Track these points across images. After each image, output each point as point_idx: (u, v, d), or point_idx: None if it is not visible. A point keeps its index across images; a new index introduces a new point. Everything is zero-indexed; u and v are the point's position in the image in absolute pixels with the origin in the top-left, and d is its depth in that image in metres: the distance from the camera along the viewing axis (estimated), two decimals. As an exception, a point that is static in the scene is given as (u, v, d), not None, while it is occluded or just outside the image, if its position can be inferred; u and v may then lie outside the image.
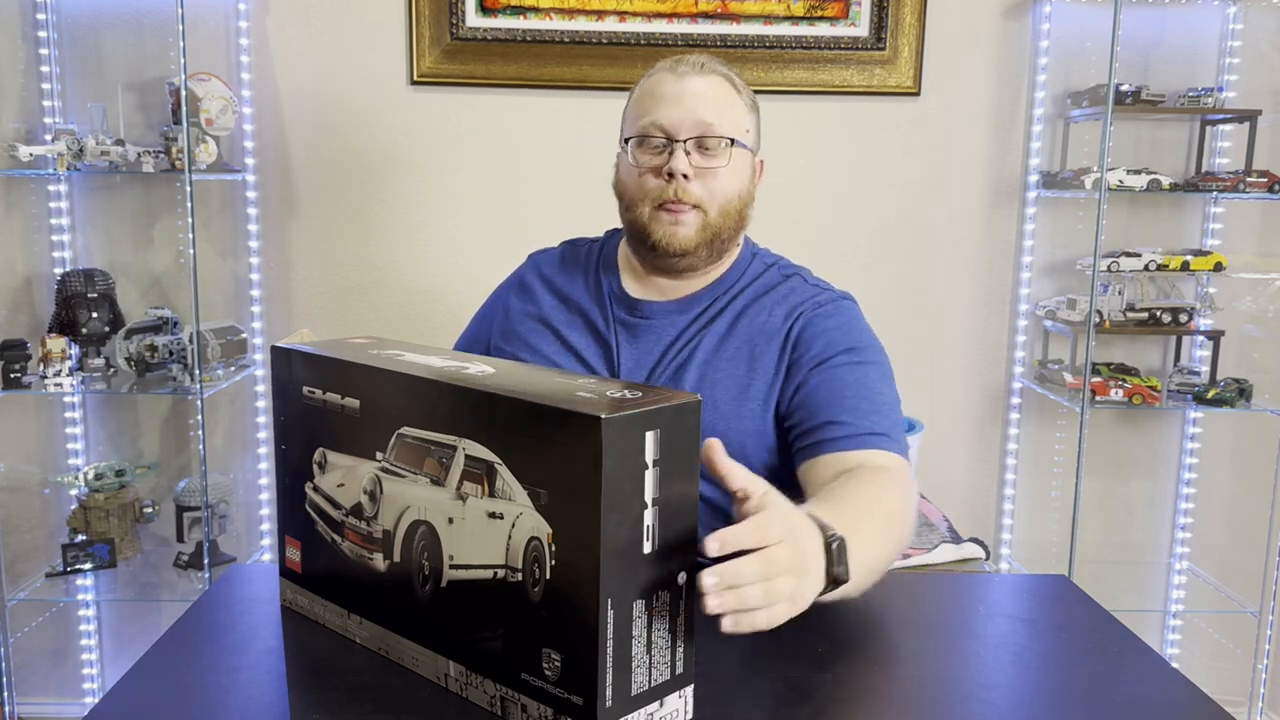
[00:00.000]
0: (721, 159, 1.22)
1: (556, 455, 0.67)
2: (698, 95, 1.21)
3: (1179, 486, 2.42)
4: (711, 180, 1.22)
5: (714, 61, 1.26)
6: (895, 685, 0.84)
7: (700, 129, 1.21)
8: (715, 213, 1.23)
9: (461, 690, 0.77)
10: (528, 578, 0.70)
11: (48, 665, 2.37)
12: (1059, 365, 2.30)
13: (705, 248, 1.24)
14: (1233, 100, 2.24)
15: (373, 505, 0.81)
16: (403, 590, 0.80)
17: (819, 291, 1.28)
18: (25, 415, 2.29)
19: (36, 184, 2.20)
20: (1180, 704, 0.81)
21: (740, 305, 1.27)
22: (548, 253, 1.41)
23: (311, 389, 0.87)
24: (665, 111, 1.21)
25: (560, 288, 1.34)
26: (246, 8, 2.18)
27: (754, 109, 1.29)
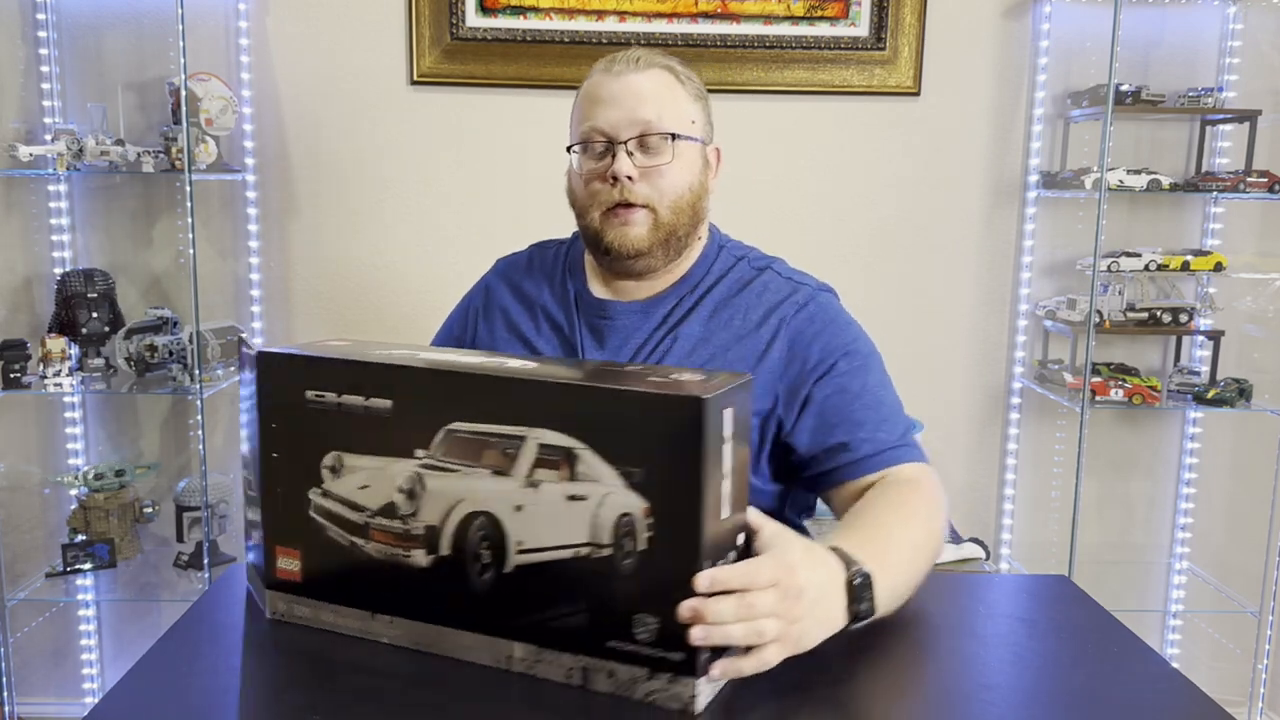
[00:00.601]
0: (665, 155, 1.19)
1: (654, 436, 0.73)
2: (635, 93, 1.18)
3: (1179, 486, 2.42)
4: (658, 178, 1.19)
5: (652, 54, 1.23)
6: (895, 685, 0.84)
7: (640, 128, 1.18)
8: (666, 210, 1.20)
9: (530, 669, 0.80)
10: (617, 551, 0.75)
11: (48, 665, 2.37)
12: (1059, 365, 2.30)
13: (660, 247, 1.21)
14: (1233, 100, 2.24)
15: (411, 503, 0.81)
16: (452, 581, 0.81)
17: (795, 288, 1.23)
18: (25, 415, 2.29)
19: (36, 184, 2.20)
20: (1180, 704, 0.81)
21: (712, 304, 1.23)
22: (514, 258, 1.40)
23: (319, 392, 0.84)
24: (603, 114, 1.19)
25: (527, 293, 1.32)
26: (246, 8, 2.18)
27: (700, 98, 1.25)
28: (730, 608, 0.75)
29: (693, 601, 0.74)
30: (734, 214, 1.46)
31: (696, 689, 0.75)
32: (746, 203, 2.28)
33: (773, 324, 1.20)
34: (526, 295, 1.32)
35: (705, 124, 1.26)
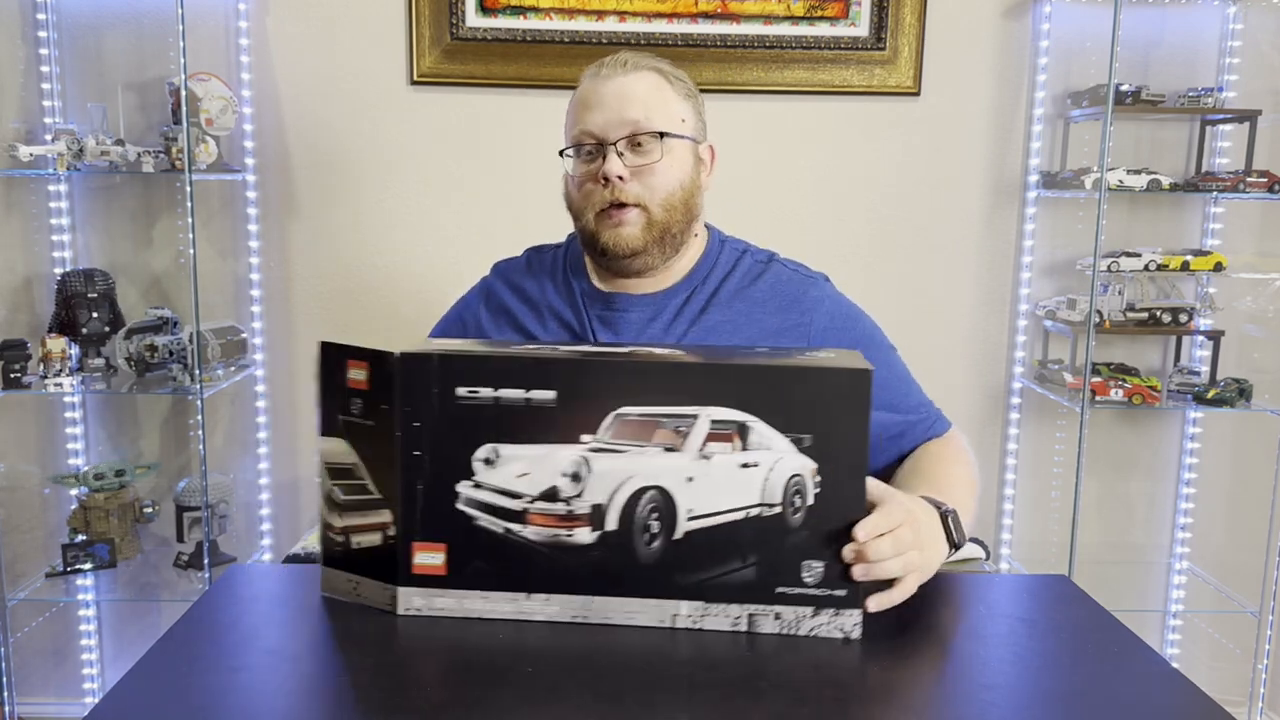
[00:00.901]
0: (655, 154, 1.21)
1: (824, 405, 0.85)
2: (623, 95, 1.21)
3: (1179, 486, 2.42)
4: (648, 176, 1.21)
5: (641, 57, 1.25)
6: (895, 685, 0.84)
7: (629, 128, 1.20)
8: (658, 208, 1.22)
9: (696, 623, 0.89)
10: (788, 508, 0.86)
11: (48, 665, 2.37)
12: (1059, 365, 2.30)
13: (655, 244, 1.23)
14: (1233, 100, 2.24)
15: (576, 485, 0.87)
16: (619, 553, 0.87)
17: (806, 280, 1.31)
18: (25, 415, 2.29)
19: (36, 184, 2.20)
20: (1180, 704, 0.81)
21: (728, 296, 1.27)
22: (512, 261, 1.41)
23: (473, 389, 0.88)
24: (592, 117, 1.22)
25: (529, 293, 1.33)
26: (246, 8, 2.18)
27: (690, 97, 1.27)
28: (886, 546, 0.89)
29: (854, 545, 0.87)
30: (734, 214, 1.46)
31: (857, 618, 0.89)
32: (746, 203, 2.28)
33: (798, 317, 1.27)
34: (529, 295, 1.33)
35: (696, 122, 1.28)
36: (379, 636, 0.89)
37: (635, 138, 1.20)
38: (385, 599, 0.93)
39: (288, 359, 2.32)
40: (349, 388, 0.91)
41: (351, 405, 0.91)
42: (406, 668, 0.84)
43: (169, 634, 0.91)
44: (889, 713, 0.80)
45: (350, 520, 0.93)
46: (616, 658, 0.85)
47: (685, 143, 1.24)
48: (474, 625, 0.91)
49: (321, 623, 0.92)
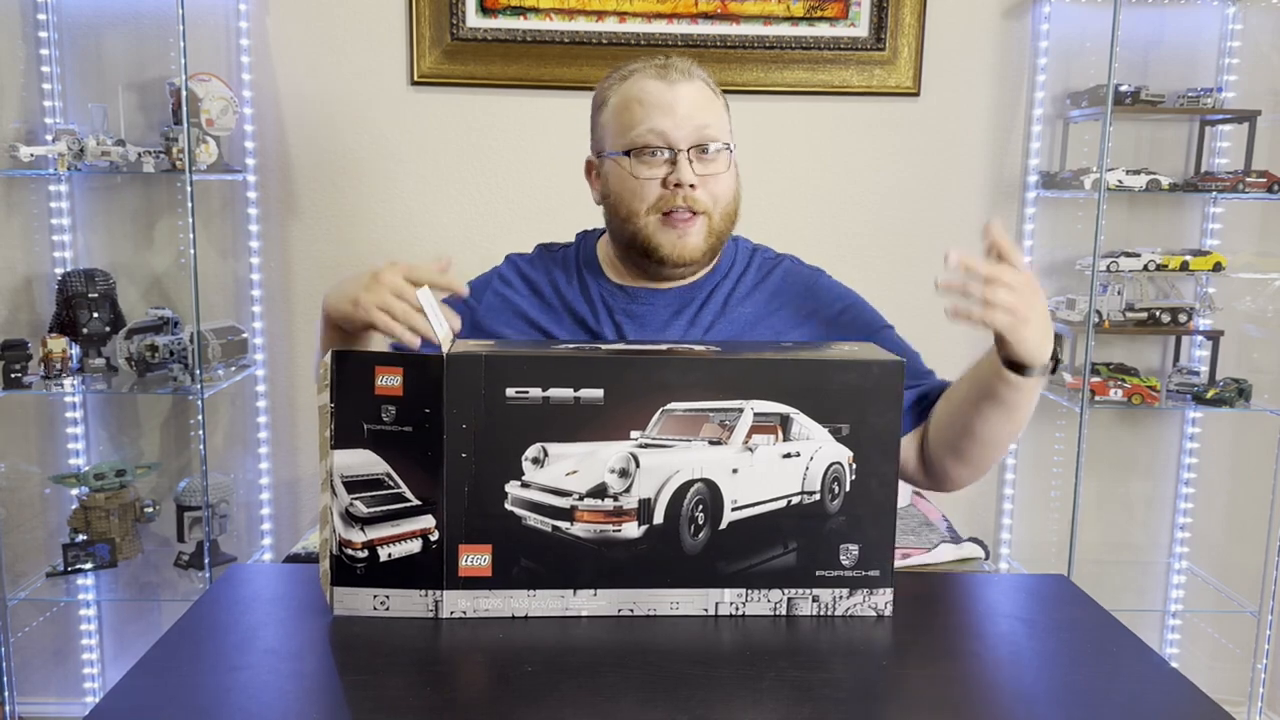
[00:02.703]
0: (722, 164, 1.23)
1: (860, 395, 0.90)
2: (691, 102, 1.22)
3: (1178, 486, 2.42)
4: (714, 186, 1.23)
5: (694, 65, 1.26)
6: (895, 685, 0.84)
7: (700, 136, 1.21)
8: (719, 218, 1.25)
9: (738, 610, 0.92)
10: (825, 495, 0.90)
11: (48, 665, 2.37)
12: (1058, 365, 2.30)
13: (708, 253, 1.26)
14: (1232, 100, 2.24)
15: (624, 480, 0.88)
16: (665, 545, 0.89)
17: (813, 275, 1.35)
18: (26, 415, 2.29)
19: (37, 184, 2.20)
20: (1180, 704, 0.82)
21: (746, 289, 1.31)
22: (522, 256, 1.41)
23: (522, 389, 0.89)
24: (661, 120, 1.20)
25: (539, 286, 1.34)
26: (246, 8, 2.18)
27: (728, 107, 1.30)
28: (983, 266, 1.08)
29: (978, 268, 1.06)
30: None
31: (889, 596, 0.93)
32: (746, 203, 2.28)
33: (812, 305, 1.31)
34: (540, 290, 1.33)
35: (730, 134, 1.29)
36: (379, 636, 0.89)
37: (704, 146, 1.22)
38: (424, 606, 0.91)
39: (288, 359, 2.32)
40: (377, 396, 0.90)
41: (382, 413, 0.90)
42: (407, 666, 0.84)
43: (169, 634, 0.91)
44: (889, 712, 0.80)
45: (380, 533, 0.91)
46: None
47: (733, 154, 1.27)
48: (471, 623, 0.91)
49: (322, 622, 0.92)
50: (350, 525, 0.91)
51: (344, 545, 0.91)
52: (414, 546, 0.91)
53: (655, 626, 0.91)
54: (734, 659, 0.86)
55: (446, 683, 0.83)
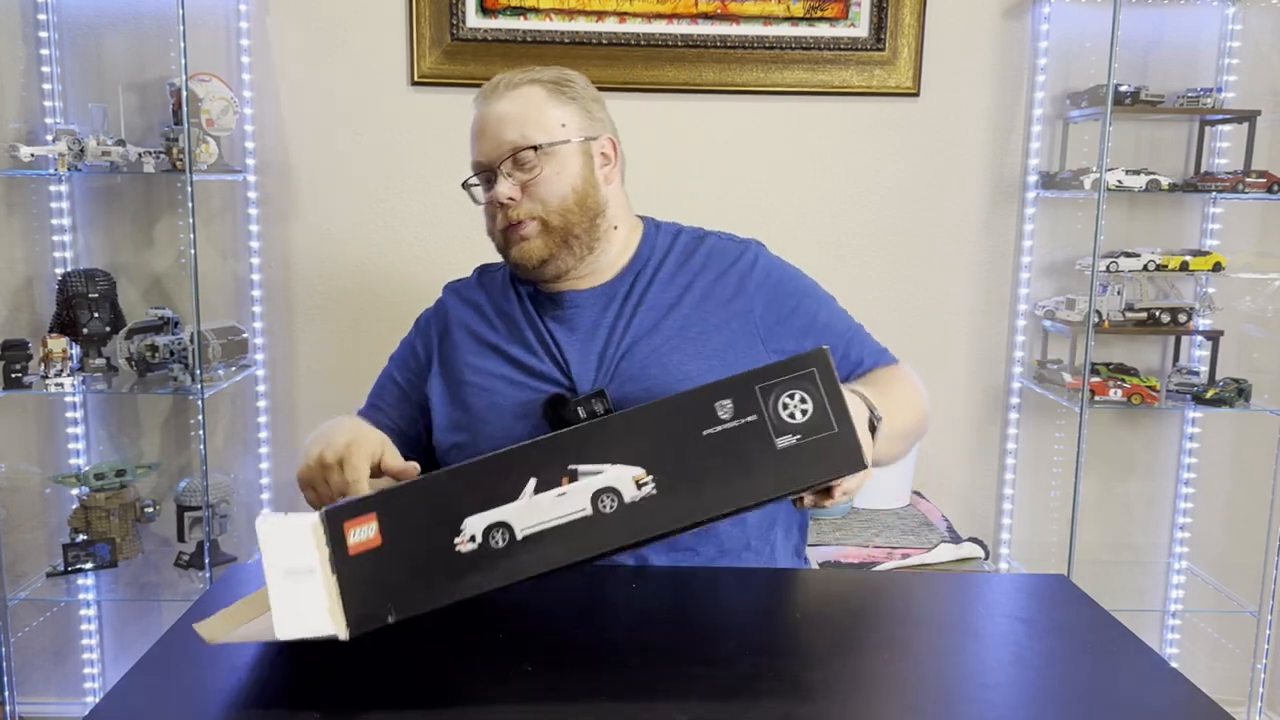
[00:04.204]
0: (537, 167, 1.25)
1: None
2: (498, 119, 1.26)
3: (1178, 486, 2.42)
4: (535, 189, 1.26)
5: (521, 74, 1.28)
6: (895, 685, 0.84)
7: (508, 149, 1.25)
8: (554, 215, 1.26)
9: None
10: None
11: (48, 665, 2.37)
12: (1058, 365, 2.30)
13: (561, 249, 1.27)
14: (1232, 100, 2.24)
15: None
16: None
17: (741, 246, 1.34)
18: (26, 415, 2.29)
19: (37, 184, 2.20)
20: (1180, 704, 0.82)
21: (668, 274, 1.31)
22: (462, 280, 1.45)
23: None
24: (477, 147, 1.29)
25: (484, 306, 1.36)
26: (247, 8, 2.18)
27: (576, 99, 1.30)
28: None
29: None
30: (734, 214, 1.47)
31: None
32: (746, 202, 2.29)
33: (733, 280, 1.30)
34: (483, 308, 1.36)
35: (583, 122, 1.30)
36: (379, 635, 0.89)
37: (516, 157, 1.25)
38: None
39: (288, 359, 2.32)
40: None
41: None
42: (411, 665, 0.84)
43: (169, 634, 0.91)
44: (889, 712, 0.80)
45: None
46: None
47: (570, 146, 1.27)
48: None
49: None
50: None
51: None
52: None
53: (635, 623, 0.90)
54: (731, 658, 0.86)
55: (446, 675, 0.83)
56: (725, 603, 1.01)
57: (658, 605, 1.00)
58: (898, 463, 1.31)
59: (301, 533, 0.80)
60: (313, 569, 0.79)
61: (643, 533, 0.80)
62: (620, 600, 1.01)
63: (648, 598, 1.01)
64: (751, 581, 1.10)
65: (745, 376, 0.82)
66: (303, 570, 0.78)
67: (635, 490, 0.80)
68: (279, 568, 0.78)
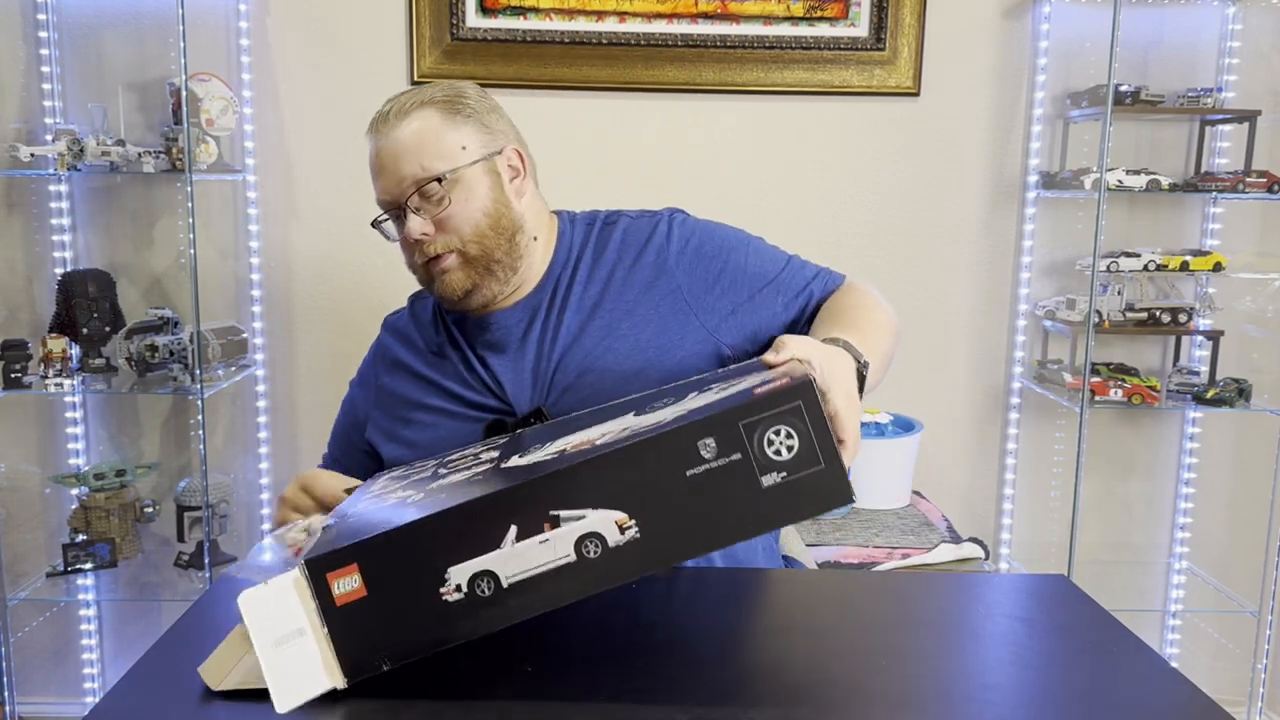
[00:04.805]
0: (444, 200, 1.19)
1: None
2: (394, 152, 1.19)
3: (1178, 486, 2.42)
4: (447, 221, 1.19)
5: (408, 97, 1.23)
6: (895, 685, 0.84)
7: (410, 184, 1.18)
8: (471, 245, 1.20)
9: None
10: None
11: (48, 665, 2.37)
12: (1058, 365, 2.30)
13: (486, 277, 1.22)
14: (1232, 100, 2.24)
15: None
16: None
17: (652, 221, 1.28)
18: (26, 415, 2.29)
19: (37, 184, 2.20)
20: (1180, 704, 0.82)
21: (586, 271, 1.26)
22: (397, 314, 1.41)
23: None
24: (379, 184, 1.22)
25: (414, 340, 1.33)
26: (246, 8, 2.18)
27: (471, 116, 1.23)
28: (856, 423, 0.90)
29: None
30: (734, 214, 1.46)
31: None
32: (746, 202, 2.29)
33: (651, 259, 1.24)
34: (415, 342, 1.33)
35: (482, 138, 1.23)
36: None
37: (421, 191, 1.18)
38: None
39: (288, 359, 2.32)
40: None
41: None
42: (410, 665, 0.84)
43: (169, 634, 0.91)
44: (889, 712, 0.80)
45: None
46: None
47: (474, 169, 1.21)
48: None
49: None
50: None
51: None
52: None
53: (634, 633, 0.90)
54: (730, 659, 0.86)
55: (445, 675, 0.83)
56: (725, 603, 1.01)
57: (658, 605, 1.00)
58: (899, 454, 1.28)
59: (284, 595, 0.78)
60: (302, 629, 0.77)
61: (629, 575, 0.79)
62: (620, 600, 1.01)
63: (648, 598, 1.01)
64: (752, 582, 1.10)
65: (728, 413, 0.79)
66: (292, 634, 0.77)
67: (619, 535, 0.78)
68: (268, 640, 0.77)
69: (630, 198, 1.38)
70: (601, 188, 2.25)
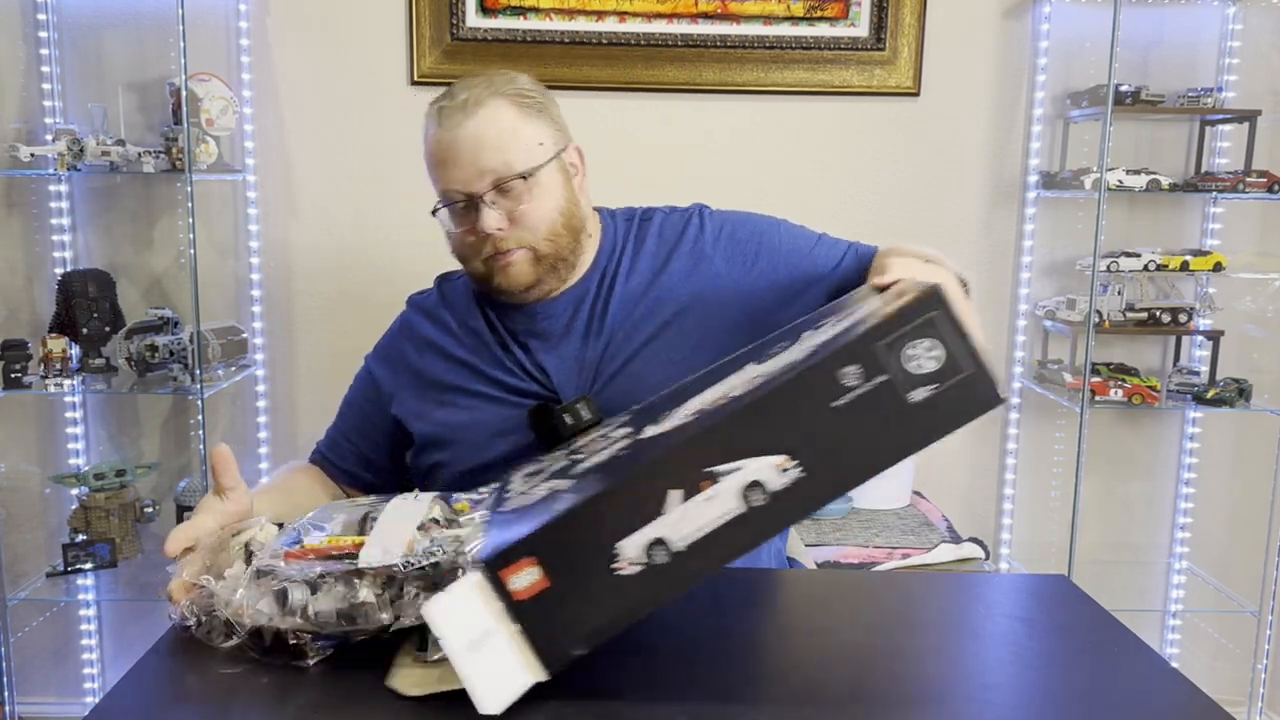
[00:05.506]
0: (523, 197, 1.18)
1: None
2: (472, 144, 1.17)
3: (1178, 486, 2.42)
4: (523, 219, 1.19)
5: (480, 89, 1.19)
6: (895, 685, 0.84)
7: (491, 178, 1.17)
8: (543, 243, 1.20)
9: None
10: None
11: (48, 665, 2.37)
12: (1058, 365, 2.30)
13: (549, 273, 1.23)
14: (1232, 100, 2.24)
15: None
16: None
17: (685, 215, 1.33)
18: (25, 415, 2.29)
19: (37, 184, 2.20)
20: (1180, 704, 0.82)
21: (629, 263, 1.28)
22: (425, 293, 1.39)
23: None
24: (451, 174, 1.18)
25: (449, 323, 1.31)
26: (246, 8, 2.18)
27: (542, 109, 1.22)
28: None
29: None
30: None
31: None
32: (746, 202, 2.27)
33: (687, 249, 1.28)
34: (449, 325, 1.31)
35: (554, 134, 1.23)
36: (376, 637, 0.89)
37: (500, 185, 1.17)
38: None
39: (288, 359, 2.32)
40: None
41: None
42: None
43: (169, 634, 0.91)
44: (889, 712, 0.80)
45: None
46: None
47: (548, 167, 1.20)
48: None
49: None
50: None
51: None
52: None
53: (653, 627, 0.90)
54: (731, 659, 0.86)
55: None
56: (725, 603, 1.01)
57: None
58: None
59: (468, 600, 0.77)
60: (490, 630, 0.77)
61: (797, 515, 0.79)
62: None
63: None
64: (752, 582, 1.10)
65: (865, 337, 0.78)
66: (482, 635, 0.76)
67: (780, 477, 0.78)
68: (460, 646, 0.76)
69: (630, 197, 1.38)
70: (601, 187, 2.24)
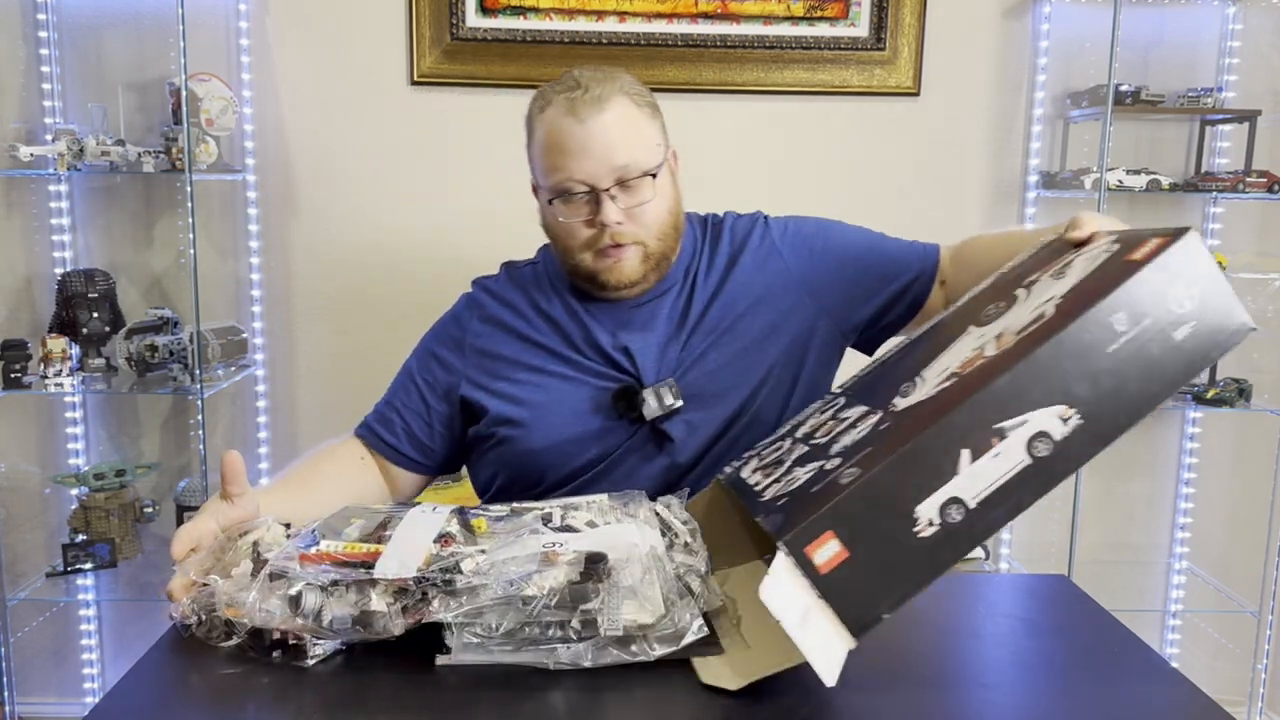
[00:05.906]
0: (647, 194, 1.22)
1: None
2: (605, 139, 1.19)
3: (1179, 486, 2.42)
4: (642, 216, 1.22)
5: (606, 84, 1.21)
6: (895, 685, 0.84)
7: (619, 173, 1.19)
8: (654, 241, 1.25)
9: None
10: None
11: (48, 665, 2.37)
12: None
13: (654, 270, 1.27)
14: (1232, 100, 2.24)
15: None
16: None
17: (751, 221, 1.40)
18: (25, 415, 2.29)
19: (37, 184, 2.20)
20: (1180, 704, 0.82)
21: (705, 263, 1.33)
22: (493, 276, 1.41)
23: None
24: (578, 165, 1.19)
25: (519, 305, 1.33)
26: (246, 8, 2.18)
27: (655, 111, 1.27)
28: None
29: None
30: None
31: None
32: (746, 203, 2.28)
33: (755, 248, 1.34)
34: (520, 307, 1.33)
35: (664, 136, 1.27)
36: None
37: (625, 181, 1.20)
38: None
39: (288, 359, 2.32)
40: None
41: None
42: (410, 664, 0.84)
43: (169, 633, 0.91)
44: (890, 712, 0.80)
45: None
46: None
47: (664, 167, 1.25)
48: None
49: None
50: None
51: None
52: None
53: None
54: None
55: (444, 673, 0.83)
56: (725, 603, 1.00)
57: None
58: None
59: (789, 578, 0.80)
60: (808, 606, 0.79)
61: (1079, 462, 0.81)
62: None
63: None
64: (751, 581, 1.10)
65: (1130, 286, 0.82)
66: (805, 610, 0.79)
67: (1063, 426, 0.81)
68: (793, 622, 0.78)
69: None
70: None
